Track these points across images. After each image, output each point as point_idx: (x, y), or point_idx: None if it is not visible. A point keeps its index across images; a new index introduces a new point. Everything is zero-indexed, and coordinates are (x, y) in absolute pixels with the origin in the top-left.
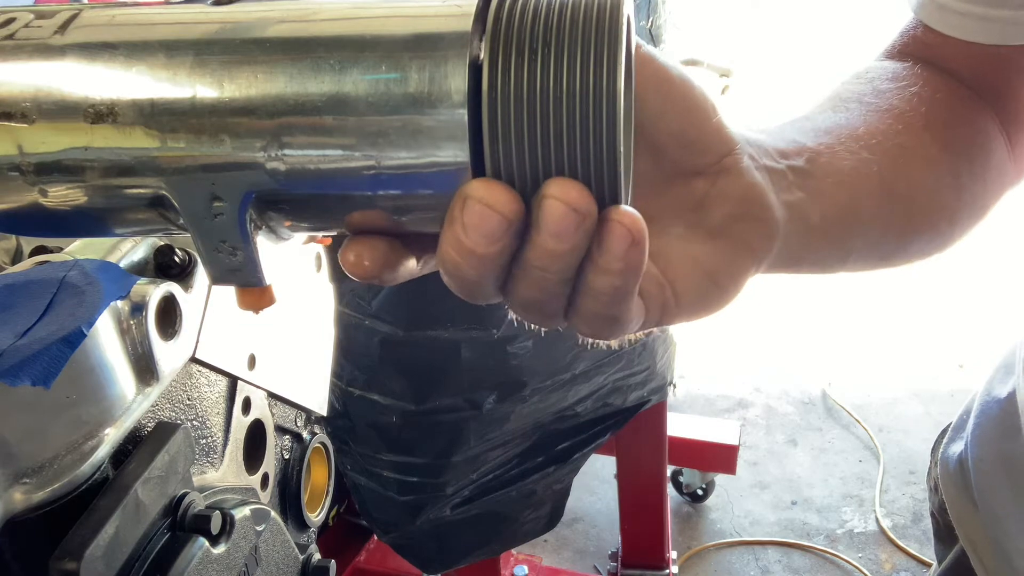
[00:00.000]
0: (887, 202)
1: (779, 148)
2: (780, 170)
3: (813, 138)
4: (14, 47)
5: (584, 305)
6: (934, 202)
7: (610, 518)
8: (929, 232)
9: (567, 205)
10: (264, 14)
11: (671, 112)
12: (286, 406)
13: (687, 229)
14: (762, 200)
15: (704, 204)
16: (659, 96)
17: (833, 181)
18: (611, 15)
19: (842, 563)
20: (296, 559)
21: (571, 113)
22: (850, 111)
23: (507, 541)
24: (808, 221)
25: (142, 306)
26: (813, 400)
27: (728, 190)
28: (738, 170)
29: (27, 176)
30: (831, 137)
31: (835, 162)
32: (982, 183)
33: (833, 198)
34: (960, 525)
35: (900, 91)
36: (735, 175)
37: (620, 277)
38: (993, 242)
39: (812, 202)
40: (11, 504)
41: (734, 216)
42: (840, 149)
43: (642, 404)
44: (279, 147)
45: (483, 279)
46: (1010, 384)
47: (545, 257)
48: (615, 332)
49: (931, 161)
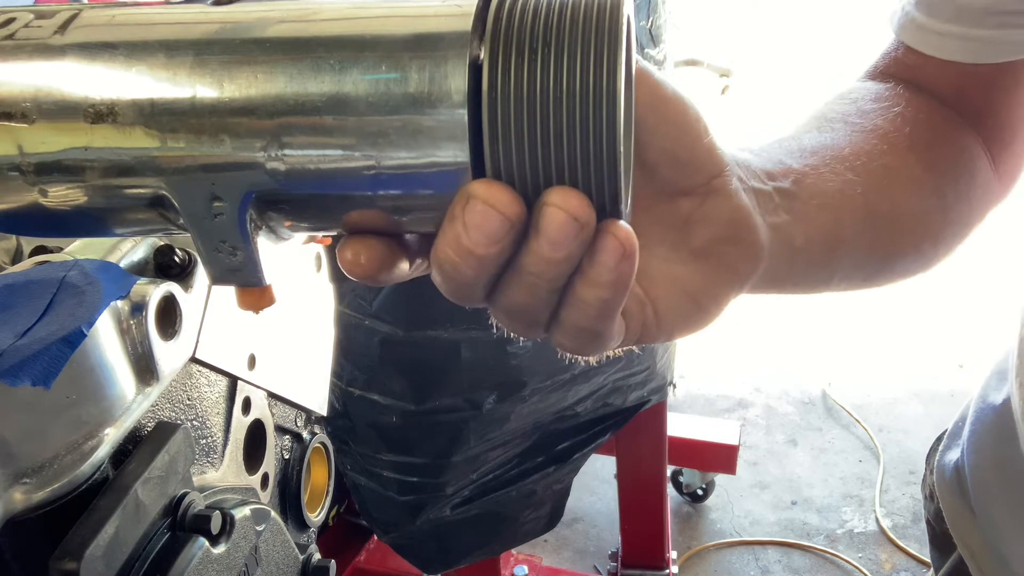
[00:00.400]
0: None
1: (766, 169)
2: (767, 192)
3: (799, 159)
4: (14, 47)
5: (569, 318)
6: (919, 223)
7: (610, 518)
8: (913, 253)
9: (568, 213)
10: (264, 14)
11: (663, 131)
12: (286, 406)
13: (671, 249)
14: (748, 223)
15: (690, 224)
16: (653, 114)
17: (818, 203)
18: (611, 15)
19: (842, 563)
20: (296, 559)
21: (571, 113)
22: (835, 131)
23: (507, 541)
24: (793, 243)
25: (142, 306)
26: (813, 400)
27: (715, 212)
28: (726, 192)
29: (27, 176)
30: (817, 158)
31: (820, 184)
32: (967, 202)
33: (818, 220)
34: (957, 532)
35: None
36: (723, 197)
37: (609, 290)
38: (993, 242)
39: (797, 224)
40: (11, 504)
41: (720, 239)
42: (825, 171)
43: (642, 404)
44: (279, 147)
45: (477, 281)
46: (1005, 391)
47: (541, 263)
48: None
49: (916, 181)
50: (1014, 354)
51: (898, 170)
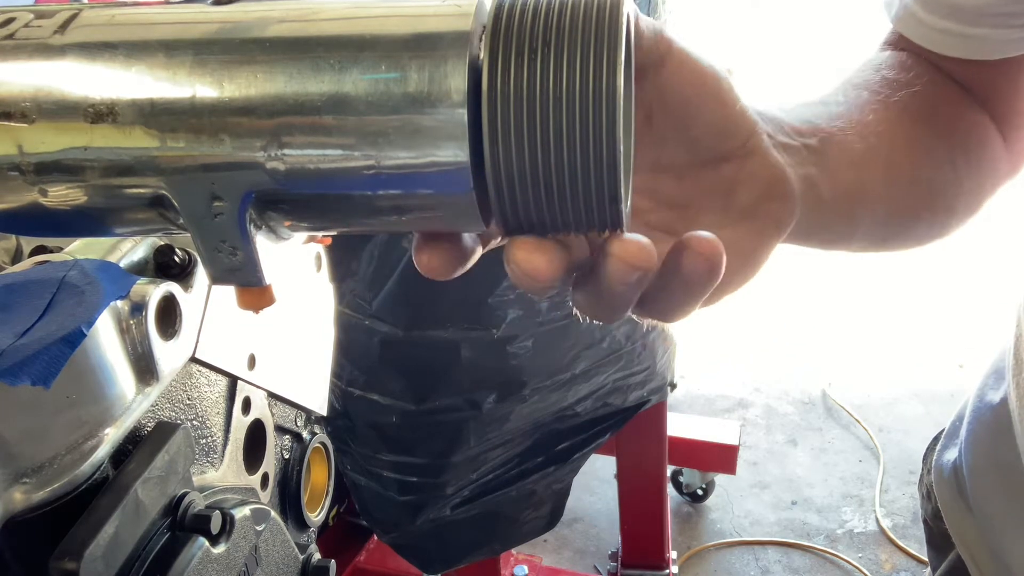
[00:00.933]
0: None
1: (794, 126)
2: (795, 146)
3: (827, 121)
4: (14, 47)
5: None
6: (934, 190)
7: (610, 518)
8: (929, 218)
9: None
10: (264, 14)
11: (707, 105)
12: (286, 406)
13: (720, 213)
14: (783, 176)
15: (734, 187)
16: (696, 91)
17: (844, 161)
18: (611, 15)
19: (842, 563)
20: (296, 559)
21: (571, 113)
22: (861, 98)
23: (507, 541)
24: (820, 195)
25: (142, 306)
26: (813, 400)
27: (755, 172)
28: (762, 151)
29: (27, 176)
30: (843, 121)
31: (846, 144)
32: (977, 175)
33: (843, 176)
34: (955, 531)
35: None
36: (759, 156)
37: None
38: (992, 242)
39: (824, 177)
40: (11, 504)
41: (762, 196)
42: (851, 133)
43: (642, 404)
44: (279, 147)
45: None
46: (1002, 389)
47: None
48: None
49: (932, 151)
50: (1011, 353)
51: (917, 139)
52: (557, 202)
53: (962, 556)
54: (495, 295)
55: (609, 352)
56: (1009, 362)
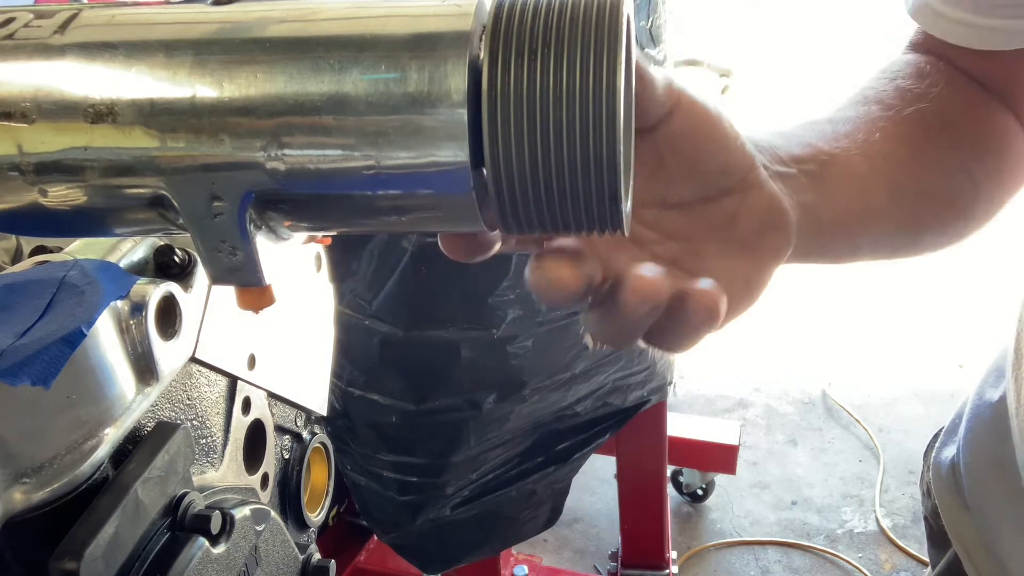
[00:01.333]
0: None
1: (793, 154)
2: (792, 175)
3: (831, 142)
4: (14, 47)
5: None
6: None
7: (610, 518)
8: (940, 228)
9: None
10: (264, 14)
11: (712, 147)
12: (286, 406)
13: (722, 243)
14: (781, 207)
15: (735, 220)
16: (703, 135)
17: (845, 182)
18: (611, 15)
19: (842, 563)
20: (296, 559)
21: (571, 113)
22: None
23: (507, 540)
24: (819, 219)
25: (142, 306)
26: (813, 400)
27: (755, 204)
28: (759, 183)
29: (27, 176)
30: (848, 141)
31: (848, 166)
32: (997, 180)
33: (844, 197)
34: (953, 529)
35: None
36: (758, 188)
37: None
38: (993, 242)
39: (823, 202)
40: (11, 504)
41: (761, 226)
42: (856, 153)
43: (642, 404)
44: (279, 147)
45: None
46: (1001, 388)
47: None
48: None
49: (944, 161)
50: (1011, 351)
51: (928, 152)
52: (557, 202)
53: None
54: (495, 295)
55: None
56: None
